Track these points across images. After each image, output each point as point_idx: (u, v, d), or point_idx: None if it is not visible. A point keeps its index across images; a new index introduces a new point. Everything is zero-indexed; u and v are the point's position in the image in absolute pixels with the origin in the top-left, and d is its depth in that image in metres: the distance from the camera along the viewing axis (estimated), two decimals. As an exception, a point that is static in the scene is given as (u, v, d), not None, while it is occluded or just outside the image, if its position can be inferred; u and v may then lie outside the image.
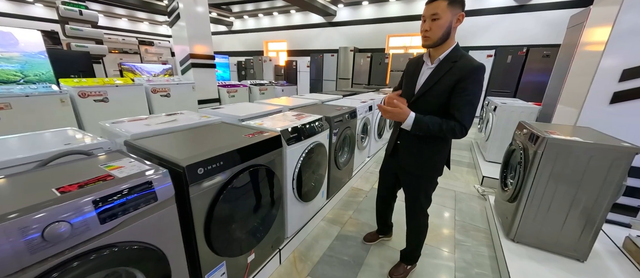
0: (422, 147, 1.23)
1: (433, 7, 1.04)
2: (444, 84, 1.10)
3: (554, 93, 3.31)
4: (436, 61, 1.15)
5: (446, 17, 1.04)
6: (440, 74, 1.11)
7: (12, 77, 4.50)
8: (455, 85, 1.07)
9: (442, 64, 1.13)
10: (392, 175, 1.52)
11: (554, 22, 5.90)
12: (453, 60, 1.10)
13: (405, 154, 1.30)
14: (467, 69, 1.06)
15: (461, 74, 1.06)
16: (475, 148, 3.91)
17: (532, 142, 1.62)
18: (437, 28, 1.05)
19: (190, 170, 0.94)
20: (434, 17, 1.05)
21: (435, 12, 1.04)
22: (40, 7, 9.89)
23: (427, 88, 1.15)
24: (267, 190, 1.38)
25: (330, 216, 2.24)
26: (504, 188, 1.96)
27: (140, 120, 1.60)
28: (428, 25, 1.07)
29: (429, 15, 1.06)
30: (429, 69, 1.17)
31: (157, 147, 1.12)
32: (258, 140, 1.30)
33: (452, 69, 1.09)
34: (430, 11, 1.05)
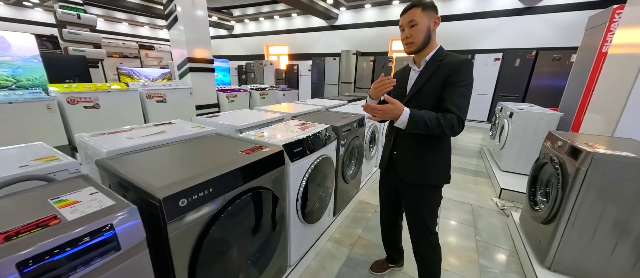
0: (422, 153, 1.15)
1: (409, 15, 1.07)
2: (434, 82, 1.09)
3: (573, 98, 3.10)
4: (423, 63, 1.15)
5: (423, 22, 1.06)
6: (428, 73, 1.11)
7: (3, 82, 4.32)
8: (446, 79, 1.06)
9: (428, 64, 1.13)
10: (392, 188, 1.36)
11: (564, 25, 5.72)
12: (439, 59, 1.10)
13: (404, 164, 1.20)
14: (456, 63, 1.07)
15: (450, 68, 1.06)
16: (486, 156, 3.69)
17: (572, 157, 1.41)
18: (416, 33, 1.08)
19: (168, 203, 0.74)
20: (411, 23, 1.07)
21: (412, 19, 1.06)
22: (40, 11, 9.81)
23: (418, 88, 1.13)
24: (267, 216, 1.17)
25: (338, 235, 2.02)
26: (533, 207, 1.74)
27: (124, 132, 1.40)
28: (408, 32, 1.09)
29: (406, 23, 1.08)
30: (416, 72, 1.17)
31: (133, 169, 0.92)
32: (257, 158, 1.09)
33: (440, 67, 1.09)
34: (407, 19, 1.08)
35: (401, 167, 1.21)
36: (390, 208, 1.45)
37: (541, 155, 1.79)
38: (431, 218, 1.23)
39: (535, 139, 2.86)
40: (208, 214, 0.87)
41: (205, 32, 4.39)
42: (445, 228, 2.14)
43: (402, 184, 1.24)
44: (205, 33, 4.41)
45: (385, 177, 1.38)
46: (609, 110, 1.88)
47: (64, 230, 0.55)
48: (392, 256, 1.63)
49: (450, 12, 6.76)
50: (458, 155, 4.02)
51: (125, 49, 10.41)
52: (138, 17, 11.40)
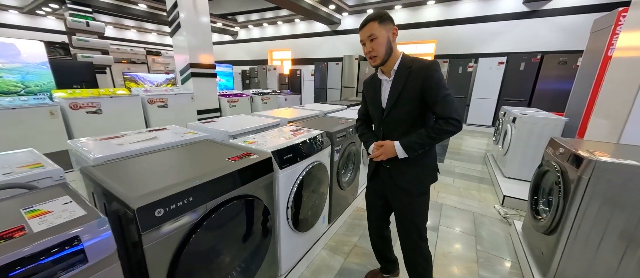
0: (414, 160, 1.17)
1: (367, 29, 1.10)
2: (410, 90, 1.12)
3: (580, 103, 3.01)
4: (392, 72, 1.17)
5: (382, 34, 1.09)
6: (402, 82, 1.14)
7: (13, 88, 4.44)
8: (423, 86, 1.09)
9: (398, 73, 1.16)
10: (380, 198, 1.37)
11: (569, 28, 5.62)
12: (407, 66, 1.13)
13: (395, 171, 1.22)
14: (425, 68, 1.10)
15: (422, 74, 1.09)
16: (490, 162, 3.60)
17: (574, 165, 1.35)
18: (378, 46, 1.10)
19: (143, 213, 0.72)
20: (371, 37, 1.09)
21: (371, 33, 1.09)
22: (52, 19, 10.14)
23: (396, 97, 1.15)
24: (254, 225, 1.15)
25: (333, 243, 1.98)
26: (536, 216, 1.67)
27: (115, 139, 1.40)
28: (370, 47, 1.11)
29: (366, 37, 1.11)
30: (388, 82, 1.19)
31: (115, 176, 0.91)
32: (243, 166, 1.07)
33: (411, 74, 1.12)
34: (366, 34, 1.10)
35: (394, 174, 1.22)
36: (377, 218, 1.43)
37: (543, 162, 1.73)
38: (422, 222, 1.25)
39: (539, 145, 2.77)
40: (188, 224, 0.85)
41: (207, 37, 4.46)
42: (445, 237, 2.07)
43: (395, 190, 1.25)
44: (208, 39, 4.48)
45: (374, 186, 1.38)
46: (614, 115, 1.81)
47: (26, 243, 0.54)
48: (386, 266, 1.59)
49: (454, 16, 6.72)
50: (462, 161, 3.94)
51: (133, 55, 10.64)
52: (146, 24, 11.67)
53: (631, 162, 1.19)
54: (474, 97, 6.30)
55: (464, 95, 6.38)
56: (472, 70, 6.23)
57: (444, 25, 6.89)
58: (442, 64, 6.32)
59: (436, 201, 2.66)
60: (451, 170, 3.54)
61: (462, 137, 5.64)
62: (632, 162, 1.20)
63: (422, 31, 7.30)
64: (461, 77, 6.31)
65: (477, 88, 6.21)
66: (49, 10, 8.83)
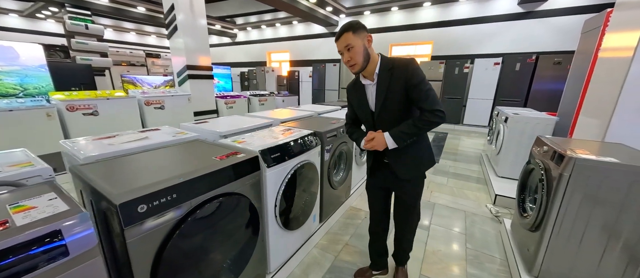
0: (411, 150, 1.27)
1: (343, 40, 1.14)
2: (395, 90, 1.18)
3: (571, 102, 3.04)
4: (375, 76, 1.22)
5: (358, 43, 1.14)
6: (386, 84, 1.19)
7: (11, 91, 4.48)
8: (406, 86, 1.15)
9: (381, 75, 1.21)
10: (381, 189, 1.46)
11: (564, 29, 5.66)
12: (388, 68, 1.19)
13: (398, 164, 1.30)
14: (405, 67, 1.16)
15: (404, 74, 1.15)
16: (485, 162, 3.63)
17: (556, 162, 1.37)
18: (356, 55, 1.15)
19: (125, 208, 0.75)
20: (348, 47, 1.14)
21: (348, 43, 1.13)
22: (52, 23, 10.20)
23: (383, 99, 1.21)
24: (240, 222, 1.17)
25: (324, 242, 2.00)
26: (522, 213, 1.70)
27: (108, 139, 1.43)
28: (348, 56, 1.16)
29: (343, 48, 1.15)
30: (373, 86, 1.24)
31: (102, 175, 0.94)
32: (229, 164, 1.10)
33: (394, 75, 1.18)
34: (343, 44, 1.15)
35: (396, 167, 1.30)
36: (380, 209, 1.50)
37: (530, 160, 1.75)
38: (418, 200, 1.41)
39: (530, 144, 2.78)
40: (172, 220, 0.88)
41: (204, 39, 4.49)
42: (436, 235, 2.10)
43: (395, 181, 1.35)
44: (204, 41, 4.52)
45: (374, 180, 1.45)
46: (600, 114, 1.84)
47: (8, 235, 0.56)
48: (377, 262, 1.62)
49: (450, 18, 6.77)
50: (457, 161, 3.96)
51: (133, 57, 10.69)
52: (145, 26, 11.73)
53: (609, 159, 1.22)
54: (470, 98, 6.33)
55: (460, 96, 6.41)
56: (469, 71, 6.26)
57: (440, 26, 6.93)
58: (438, 65, 6.36)
59: (429, 200, 2.69)
60: (446, 170, 3.56)
61: (458, 137, 5.67)
62: (610, 159, 1.23)
63: (418, 32, 7.35)
64: (457, 78, 6.34)
65: (474, 89, 6.24)
66: (49, 13, 8.89)
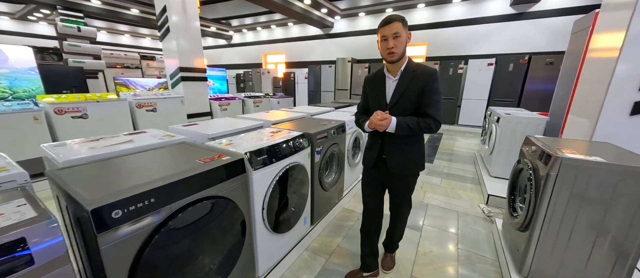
0: (407, 149, 1.36)
1: (394, 26, 1.21)
2: (413, 91, 1.27)
3: (562, 102, 3.07)
4: (398, 74, 1.31)
5: (404, 35, 1.22)
6: (406, 83, 1.29)
7: (0, 94, 4.41)
8: (423, 89, 1.25)
9: (403, 75, 1.30)
10: (378, 183, 1.52)
11: (556, 29, 5.73)
12: (412, 70, 1.28)
13: (394, 161, 1.38)
14: (429, 74, 1.26)
15: (426, 79, 1.25)
16: (479, 162, 3.64)
17: (543, 162, 1.37)
18: (400, 44, 1.23)
19: (98, 214, 0.73)
20: (396, 35, 1.21)
21: (396, 31, 1.20)
22: (44, 25, 10.09)
23: (399, 96, 1.30)
24: (226, 225, 1.15)
25: (316, 245, 1.98)
26: (512, 213, 1.70)
27: (91, 142, 1.40)
28: (392, 43, 1.22)
29: (391, 34, 1.22)
30: (393, 82, 1.33)
31: (78, 180, 0.91)
32: (213, 167, 1.08)
33: (415, 77, 1.27)
34: (392, 30, 1.21)
35: (392, 163, 1.38)
36: (374, 206, 1.54)
37: (520, 160, 1.76)
38: (410, 193, 1.51)
39: (522, 144, 2.82)
40: (151, 225, 0.85)
41: (197, 41, 4.47)
42: (428, 236, 2.09)
43: (392, 177, 1.43)
44: (198, 42, 4.49)
45: (372, 174, 1.50)
46: (588, 113, 1.85)
47: (-32, 244, 0.54)
48: (369, 263, 1.61)
49: (444, 19, 6.82)
50: (451, 162, 3.97)
51: (127, 59, 10.59)
52: (139, 29, 11.65)
53: (595, 159, 1.22)
54: (464, 98, 6.37)
55: (454, 96, 6.45)
56: (462, 72, 6.31)
57: (434, 27, 6.98)
58: (433, 66, 6.40)
59: (422, 201, 2.68)
60: (440, 171, 3.57)
61: (453, 137, 5.69)
62: (596, 158, 1.23)
63: (413, 34, 7.33)
64: (452, 79, 6.38)
65: (468, 89, 6.28)
66: (41, 15, 8.79)
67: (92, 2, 7.05)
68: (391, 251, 1.75)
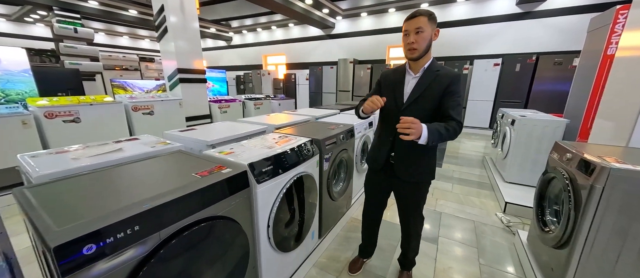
0: (418, 154, 1.26)
1: (417, 21, 1.12)
2: (434, 90, 1.19)
3: (579, 104, 2.92)
4: (421, 71, 1.22)
5: (428, 31, 1.13)
6: (427, 82, 1.20)
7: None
8: (446, 90, 1.17)
9: (426, 73, 1.21)
10: (383, 187, 1.46)
11: (564, 28, 5.59)
12: (436, 70, 1.20)
13: (403, 166, 1.29)
14: (452, 76, 1.19)
15: (449, 80, 1.17)
16: (489, 166, 3.48)
17: (585, 172, 1.22)
18: (422, 40, 1.13)
19: (64, 252, 0.57)
20: (418, 30, 1.12)
21: (420, 26, 1.11)
22: (41, 27, 9.96)
23: (418, 94, 1.21)
24: (226, 249, 0.99)
25: (324, 260, 1.82)
26: (543, 228, 1.54)
27: (74, 151, 1.24)
28: (413, 38, 1.13)
29: (413, 29, 1.13)
30: (414, 79, 1.24)
31: (48, 201, 0.76)
32: (211, 182, 0.92)
33: (438, 77, 1.19)
34: (414, 25, 1.12)
35: (400, 168, 1.29)
36: (377, 206, 1.54)
37: (548, 168, 1.60)
38: (423, 204, 1.40)
39: (540, 148, 2.66)
40: (134, 259, 0.70)
41: (196, 41, 4.32)
42: (445, 249, 1.93)
43: (400, 183, 1.34)
44: (196, 43, 4.34)
45: (377, 177, 1.43)
46: (621, 117, 1.70)
47: None
48: (366, 250, 1.71)
49: (448, 19, 6.69)
50: (460, 165, 3.81)
51: (126, 61, 10.46)
52: (138, 30, 11.53)
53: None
54: (470, 99, 6.22)
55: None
56: (468, 72, 6.16)
57: (438, 27, 6.84)
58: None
59: (435, 209, 2.52)
60: (450, 175, 3.41)
61: (459, 140, 5.54)
62: (651, 169, 1.07)
63: (416, 34, 7.24)
64: (457, 79, 6.24)
65: (473, 90, 6.14)
66: (38, 17, 8.66)
67: (89, 2, 6.92)
68: (408, 269, 1.61)
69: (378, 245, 1.88)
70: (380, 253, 1.86)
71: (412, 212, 1.39)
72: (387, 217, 2.31)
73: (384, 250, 1.91)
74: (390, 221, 2.27)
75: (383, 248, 1.92)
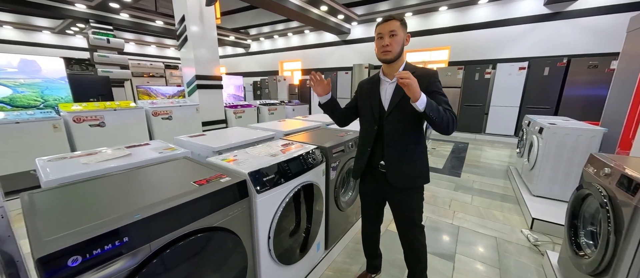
0: (409, 158, 1.24)
1: (390, 24, 1.14)
2: None
3: (618, 111, 2.63)
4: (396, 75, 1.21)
5: (401, 34, 1.15)
6: None
7: (32, 102, 4.64)
8: (427, 90, 1.13)
9: None
10: (374, 197, 1.42)
11: (598, 29, 5.15)
12: (412, 71, 1.15)
13: (393, 171, 1.25)
14: (429, 76, 1.17)
15: (426, 79, 1.16)
16: (514, 177, 3.22)
17: (627, 190, 1.06)
18: (395, 43, 1.15)
19: (49, 263, 0.56)
20: (392, 33, 1.14)
21: (393, 29, 1.13)
22: (80, 38, 10.88)
23: (399, 98, 1.18)
24: (222, 262, 0.96)
25: (330, 273, 1.74)
26: (577, 251, 1.36)
27: (87, 156, 1.29)
28: (388, 41, 1.14)
29: (387, 32, 1.14)
30: (391, 84, 1.23)
31: (46, 208, 0.77)
32: (207, 192, 0.90)
33: (416, 78, 1.12)
34: (388, 28, 1.14)
35: (391, 175, 1.25)
36: (373, 216, 1.50)
37: (583, 184, 1.43)
38: (418, 214, 1.33)
39: (573, 159, 2.42)
40: (123, 272, 0.68)
41: (213, 49, 4.48)
42: (463, 268, 1.78)
43: (392, 190, 1.30)
44: (214, 51, 4.50)
45: (369, 186, 1.40)
46: (672, 126, 1.49)
47: None
48: (373, 264, 1.66)
49: (468, 22, 6.42)
50: (481, 176, 3.57)
51: (152, 69, 11.11)
52: (164, 40, 12.24)
53: None
54: (492, 105, 5.88)
55: (481, 103, 5.98)
56: (490, 77, 5.85)
57: (457, 31, 6.59)
58: (456, 71, 6.01)
59: (452, 223, 2.36)
60: (469, 186, 3.20)
61: (481, 148, 5.23)
62: None
63: (434, 38, 7.03)
64: (478, 84, 5.94)
65: (497, 95, 5.80)
66: (77, 29, 9.46)
67: (121, 15, 7.44)
68: None
69: (389, 260, 1.80)
70: (389, 269, 1.75)
71: (407, 221, 1.33)
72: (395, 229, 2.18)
73: (395, 265, 1.79)
74: (402, 234, 2.15)
75: (393, 263, 1.81)
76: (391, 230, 2.20)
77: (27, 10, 7.26)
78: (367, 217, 1.52)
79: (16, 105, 3.97)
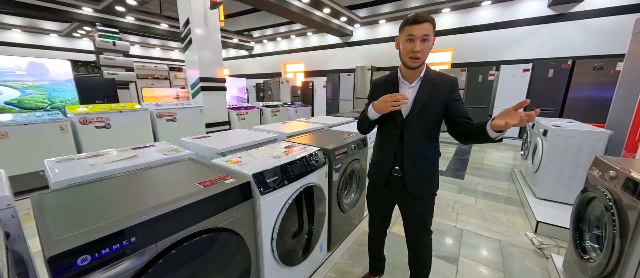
0: (426, 165, 1.22)
1: (425, 28, 1.03)
2: (438, 98, 1.15)
3: (624, 113, 2.60)
4: (417, 80, 1.18)
5: (432, 40, 1.07)
6: (428, 90, 1.15)
7: (40, 104, 4.71)
8: (450, 98, 1.14)
9: (425, 81, 1.17)
10: (387, 202, 1.39)
11: (603, 30, 5.11)
12: (432, 77, 1.16)
13: (412, 178, 1.22)
14: (452, 82, 1.16)
15: (449, 87, 1.15)
16: (518, 179, 3.20)
17: (632, 193, 1.05)
18: (427, 50, 1.08)
19: (59, 262, 0.58)
20: (425, 37, 1.05)
21: (427, 34, 1.04)
22: (87, 41, 11.05)
23: (421, 105, 1.16)
24: (226, 262, 0.97)
25: (333, 275, 1.75)
26: (582, 254, 1.35)
27: (93, 158, 1.31)
28: (419, 47, 1.05)
29: (420, 35, 1.04)
30: (410, 89, 1.19)
31: (55, 208, 0.79)
32: (212, 193, 0.91)
33: (437, 85, 1.15)
34: (422, 32, 1.03)
35: (410, 182, 1.23)
36: (381, 221, 1.49)
37: (588, 187, 1.42)
38: (431, 219, 1.32)
39: (578, 162, 2.40)
40: (130, 271, 0.69)
41: (217, 52, 4.52)
42: (466, 272, 1.77)
43: (407, 197, 1.27)
44: (218, 53, 4.54)
45: (381, 192, 1.37)
46: (679, 129, 1.47)
47: None
48: (376, 267, 1.65)
49: (472, 23, 6.40)
50: (485, 178, 3.55)
51: (157, 71, 11.23)
52: (169, 42, 12.39)
53: None
54: (496, 107, 5.85)
55: (485, 105, 5.95)
56: (494, 79, 5.82)
57: (460, 32, 6.58)
58: (459, 73, 5.99)
59: (456, 225, 2.35)
60: (473, 189, 3.18)
61: (484, 150, 5.20)
62: None
63: (437, 39, 6.98)
64: (481, 86, 5.91)
65: (500, 97, 5.77)
66: (83, 32, 9.62)
67: (127, 18, 7.55)
68: None
69: (392, 263, 1.79)
70: (392, 271, 1.76)
71: (420, 227, 1.31)
72: (399, 231, 2.18)
73: (398, 268, 1.79)
74: (402, 235, 2.15)
75: (396, 265, 1.81)
76: (394, 232, 2.19)
77: (35, 14, 7.40)
78: (375, 222, 1.51)
79: (24, 107, 4.04)
